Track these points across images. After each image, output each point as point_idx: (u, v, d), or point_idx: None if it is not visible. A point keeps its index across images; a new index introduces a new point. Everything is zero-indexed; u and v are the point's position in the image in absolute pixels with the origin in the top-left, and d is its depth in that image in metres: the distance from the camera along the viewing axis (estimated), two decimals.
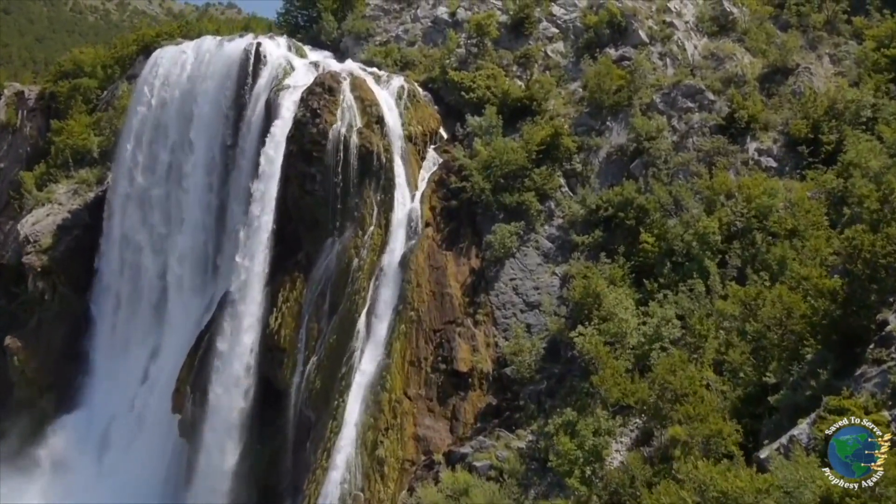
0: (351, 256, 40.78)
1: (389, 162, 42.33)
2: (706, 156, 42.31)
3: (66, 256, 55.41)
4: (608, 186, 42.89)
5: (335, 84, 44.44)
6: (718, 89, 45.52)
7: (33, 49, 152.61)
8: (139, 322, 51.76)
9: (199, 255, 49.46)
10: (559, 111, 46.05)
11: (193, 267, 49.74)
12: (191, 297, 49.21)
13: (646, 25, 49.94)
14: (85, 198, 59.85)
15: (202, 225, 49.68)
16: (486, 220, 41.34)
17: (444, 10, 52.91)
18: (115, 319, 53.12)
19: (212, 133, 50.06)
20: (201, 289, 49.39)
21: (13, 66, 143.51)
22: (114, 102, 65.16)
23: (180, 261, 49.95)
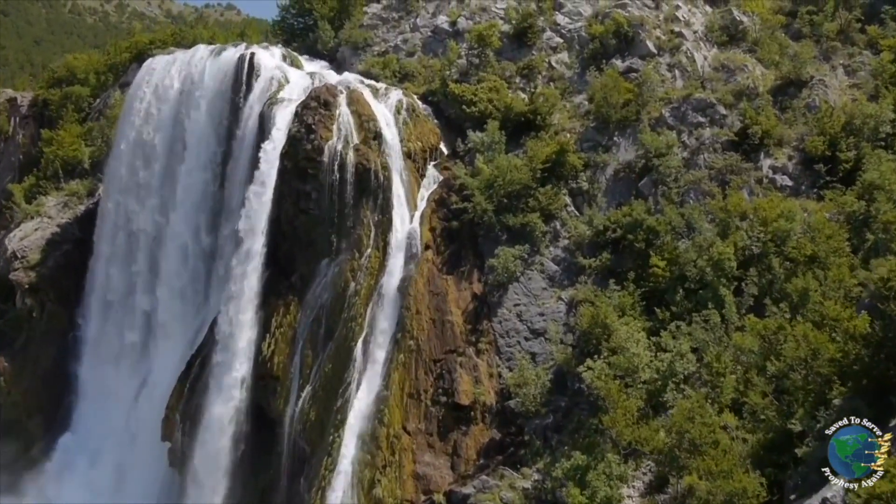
0: (347, 280, 38.60)
1: (388, 180, 40.12)
2: (718, 174, 40.14)
3: (54, 272, 53.12)
4: (616, 205, 40.74)
5: (331, 98, 42.23)
6: (730, 103, 43.33)
7: (31, 52, 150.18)
8: (130, 342, 49.45)
9: (191, 273, 47.15)
10: (564, 125, 43.86)
11: (185, 286, 47.44)
12: (183, 316, 46.95)
13: (653, 35, 47.72)
14: (75, 211, 57.59)
15: (194, 242, 47.37)
16: (489, 242, 39.16)
17: (444, 20, 50.64)
18: (106, 338, 50.77)
19: (204, 147, 47.68)
20: (194, 308, 47.11)
21: (10, 68, 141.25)
22: (106, 112, 62.87)
23: (172, 279, 47.62)
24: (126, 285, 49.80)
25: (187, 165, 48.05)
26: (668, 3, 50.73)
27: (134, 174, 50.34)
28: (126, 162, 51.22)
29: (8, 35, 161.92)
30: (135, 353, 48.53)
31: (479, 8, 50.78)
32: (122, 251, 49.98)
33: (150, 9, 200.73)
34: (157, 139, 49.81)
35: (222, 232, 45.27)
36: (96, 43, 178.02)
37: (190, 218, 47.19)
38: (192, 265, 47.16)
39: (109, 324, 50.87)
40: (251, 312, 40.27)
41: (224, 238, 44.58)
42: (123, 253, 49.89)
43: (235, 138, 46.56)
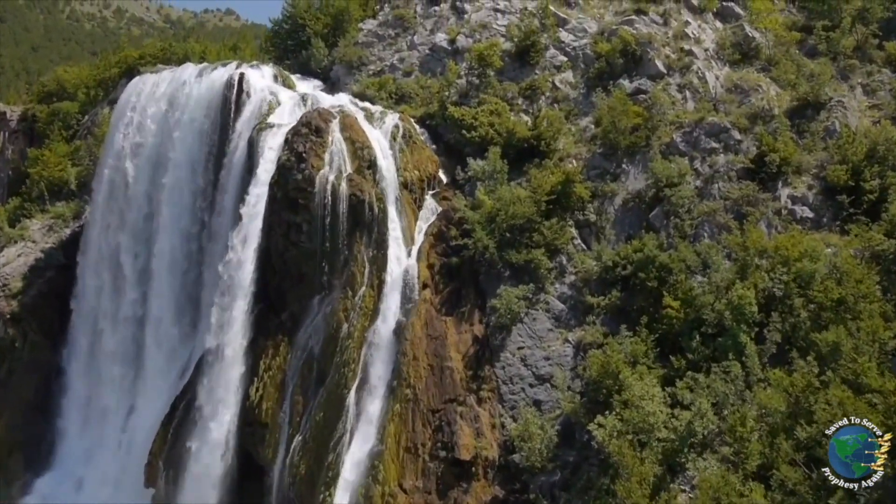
0: (340, 321, 35.78)
1: (383, 212, 37.31)
2: (734, 205, 37.34)
3: (37, 301, 50.27)
4: (625, 238, 37.96)
5: (323, 124, 39.39)
6: (744, 126, 40.54)
7: (27, 59, 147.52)
8: (115, 376, 46.57)
9: (178, 306, 44.32)
10: (569, 151, 41.04)
11: (172, 318, 44.60)
12: (170, 350, 44.12)
13: (662, 54, 44.88)
14: (60, 235, 54.70)
15: (182, 273, 44.54)
16: (491, 280, 36.36)
17: (442, 37, 47.79)
18: (90, 372, 47.96)
19: (191, 173, 44.90)
20: (181, 342, 44.28)
21: (6, 76, 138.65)
22: (94, 130, 60.06)
23: (158, 311, 44.79)
24: (110, 316, 46.95)
25: (173, 192, 45.25)
26: (676, 19, 47.96)
27: (118, 200, 47.55)
28: (111, 187, 48.46)
29: (5, 42, 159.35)
30: (119, 388, 45.69)
31: (480, 25, 47.96)
32: (107, 281, 47.13)
33: (149, 14, 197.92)
34: (142, 164, 47.05)
35: (209, 263, 42.46)
36: (94, 49, 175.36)
37: (176, 247, 44.41)
38: (179, 296, 44.35)
39: (93, 356, 48.03)
40: (239, 353, 37.46)
41: (211, 270, 41.70)
42: (108, 282, 47.06)
43: (224, 164, 43.80)
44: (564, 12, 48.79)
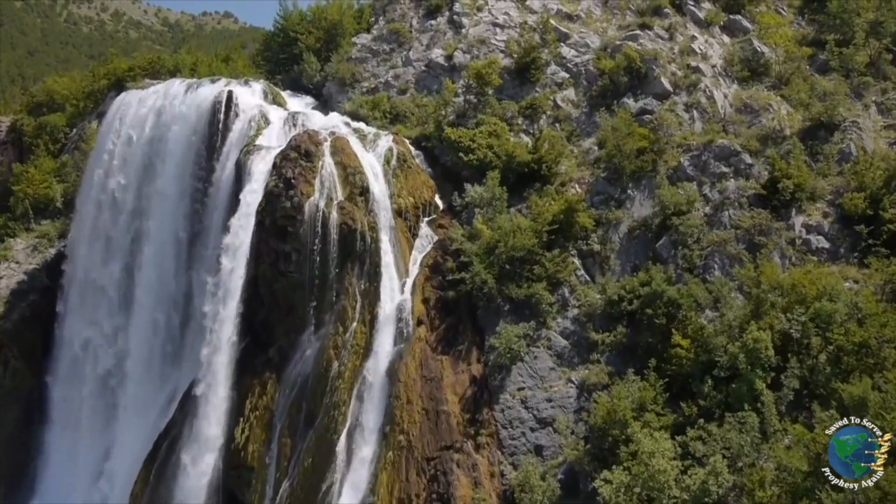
0: (330, 358, 33.57)
1: (375, 242, 35.09)
2: (745, 234, 35.10)
3: (19, 326, 47.91)
4: (631, 269, 35.76)
5: (313, 147, 37.15)
6: (755, 149, 38.33)
7: (23, 64, 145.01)
8: (98, 405, 44.30)
9: (162, 336, 42.03)
10: (572, 175, 38.80)
11: (155, 349, 42.27)
12: (152, 382, 41.73)
13: (668, 71, 42.61)
14: (45, 255, 52.30)
15: (167, 301, 42.25)
16: (490, 315, 34.13)
17: (439, 53, 45.49)
18: (73, 401, 45.60)
19: (177, 195, 42.65)
20: (165, 373, 42.00)
21: (1, 82, 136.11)
22: (80, 144, 57.73)
23: (141, 340, 42.47)
24: (93, 345, 44.68)
25: (159, 217, 43.01)
26: (682, 34, 45.72)
27: (102, 222, 45.28)
28: (94, 208, 46.20)
29: (1, 46, 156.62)
30: (102, 420, 43.37)
31: (478, 40, 45.65)
32: (90, 306, 44.82)
33: (147, 17, 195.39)
34: (127, 185, 44.75)
35: (195, 293, 40.23)
36: (92, 53, 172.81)
37: (161, 276, 42.12)
38: (163, 326, 42.06)
39: (76, 385, 45.68)
40: (224, 391, 35.24)
41: (197, 301, 39.48)
42: (91, 308, 44.74)
43: (212, 185, 41.63)
44: (566, 26, 46.51)
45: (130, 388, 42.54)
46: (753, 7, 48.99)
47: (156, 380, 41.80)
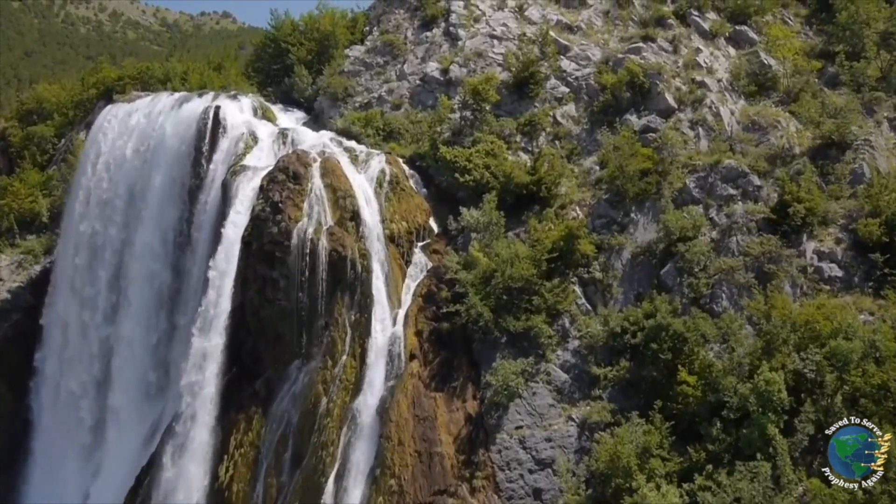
0: (318, 394, 31.73)
1: (366, 271, 33.23)
2: (755, 261, 33.17)
3: (2, 347, 46.11)
4: (634, 297, 33.87)
5: (302, 169, 35.31)
6: (764, 170, 36.43)
7: (19, 66, 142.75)
8: (80, 435, 42.40)
9: (146, 361, 40.18)
10: (572, 197, 36.90)
11: (140, 374, 40.45)
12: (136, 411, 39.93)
13: (672, 86, 40.65)
14: (30, 272, 50.34)
15: (151, 324, 40.44)
16: (486, 348, 32.23)
17: (434, 67, 43.47)
18: (58, 428, 43.74)
19: (163, 215, 40.87)
20: (148, 400, 40.15)
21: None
22: (68, 156, 55.80)
23: (125, 365, 40.65)
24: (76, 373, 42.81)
25: (145, 237, 41.20)
26: (686, 46, 43.78)
27: (87, 243, 43.42)
28: (79, 227, 44.36)
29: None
30: (85, 449, 41.57)
31: (475, 53, 43.64)
32: (74, 334, 42.96)
33: (145, 18, 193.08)
34: (111, 204, 42.98)
35: (179, 319, 38.40)
36: (89, 54, 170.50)
37: (146, 301, 40.30)
38: (148, 354, 40.21)
39: (61, 411, 43.87)
40: (207, 427, 33.41)
41: (182, 328, 37.62)
42: (75, 336, 42.88)
43: (198, 204, 39.78)
44: (566, 38, 44.52)
45: (114, 418, 40.78)
46: (760, 17, 46.98)
47: (141, 408, 40.01)
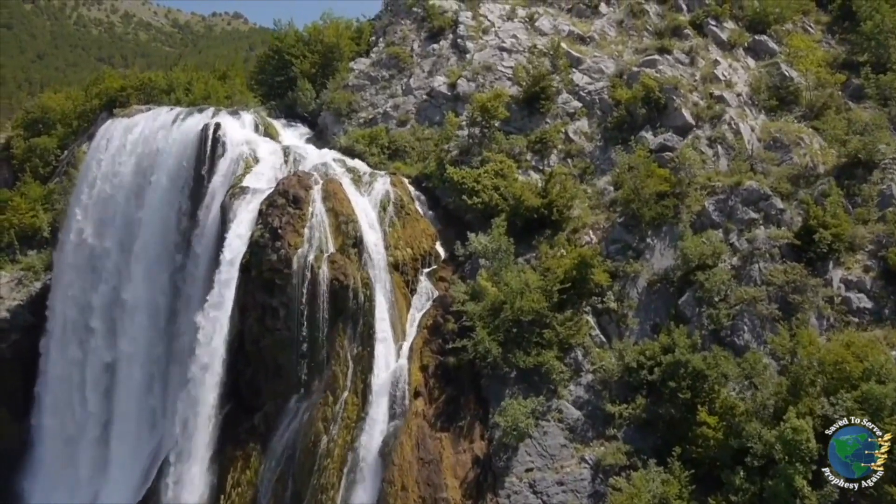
0: (318, 432, 29.98)
1: (369, 301, 31.44)
2: (778, 291, 31.12)
3: (1, 369, 44.63)
4: (651, 327, 31.91)
5: (302, 192, 33.53)
6: (787, 192, 34.35)
7: (30, 69, 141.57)
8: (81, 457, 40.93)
9: (145, 387, 38.62)
10: (585, 220, 34.95)
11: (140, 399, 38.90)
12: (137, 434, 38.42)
13: (690, 101, 38.60)
14: (30, 289, 48.80)
15: (151, 348, 38.86)
16: (495, 384, 30.36)
17: (442, 81, 41.55)
18: (57, 452, 42.24)
19: (162, 236, 39.35)
20: (149, 426, 38.62)
21: (7, 87, 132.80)
22: (69, 170, 54.27)
23: (125, 390, 39.15)
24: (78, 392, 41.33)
25: (143, 257, 39.68)
26: (704, 58, 41.68)
27: (85, 264, 41.88)
28: (77, 246, 42.90)
29: (9, 50, 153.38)
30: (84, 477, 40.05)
31: (483, 66, 41.68)
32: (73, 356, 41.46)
33: (157, 19, 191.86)
34: (110, 224, 41.45)
35: (178, 346, 36.74)
36: (101, 55, 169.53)
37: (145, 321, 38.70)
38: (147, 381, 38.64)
39: (60, 434, 42.38)
40: (204, 463, 31.75)
41: (180, 354, 35.97)
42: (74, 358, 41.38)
43: (197, 225, 38.12)
44: (578, 50, 42.48)
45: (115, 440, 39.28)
46: (779, 26, 44.78)
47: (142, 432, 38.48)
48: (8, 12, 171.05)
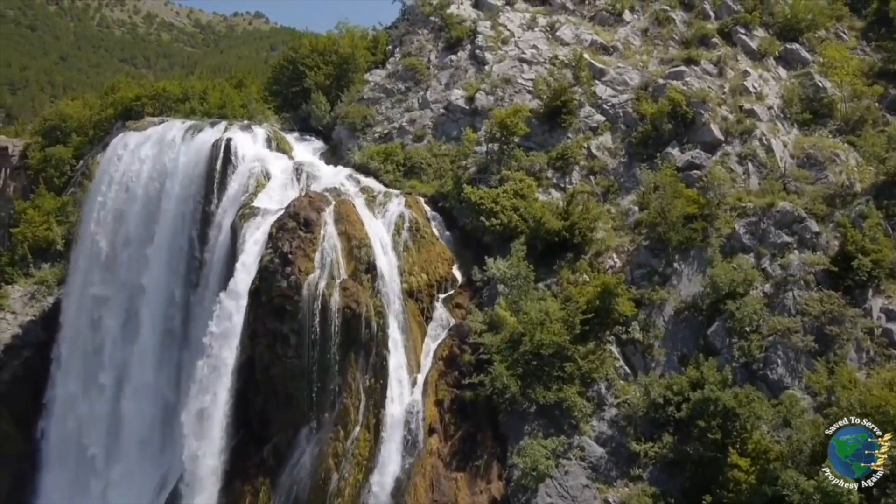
0: (329, 469, 28.55)
1: (382, 330, 29.90)
2: (814, 322, 29.16)
3: (11, 387, 43.70)
4: (678, 358, 30.14)
5: (314, 215, 32.03)
6: (822, 213, 32.34)
7: (53, 71, 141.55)
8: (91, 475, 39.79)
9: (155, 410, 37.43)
10: (609, 244, 33.14)
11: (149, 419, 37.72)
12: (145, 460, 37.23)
13: (718, 115, 36.62)
14: (43, 304, 47.90)
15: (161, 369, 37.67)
16: (513, 420, 28.73)
17: (459, 95, 39.82)
18: (65, 466, 41.23)
19: (173, 256, 38.15)
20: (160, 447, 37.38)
21: (30, 90, 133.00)
22: (83, 181, 53.25)
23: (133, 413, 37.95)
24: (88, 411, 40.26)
25: (154, 276, 38.40)
26: (733, 68, 39.65)
27: (94, 284, 40.76)
28: (88, 262, 41.79)
29: (33, 52, 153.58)
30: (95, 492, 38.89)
31: (502, 79, 39.90)
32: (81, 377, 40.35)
33: (179, 19, 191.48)
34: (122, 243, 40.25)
35: (187, 370, 35.43)
36: (123, 56, 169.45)
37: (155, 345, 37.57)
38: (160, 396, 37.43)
39: (69, 452, 41.33)
40: (211, 499, 30.35)
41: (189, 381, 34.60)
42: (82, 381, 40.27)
43: (208, 246, 36.86)
44: (601, 60, 40.56)
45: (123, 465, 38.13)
46: (812, 33, 42.59)
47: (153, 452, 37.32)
48: (33, 14, 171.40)
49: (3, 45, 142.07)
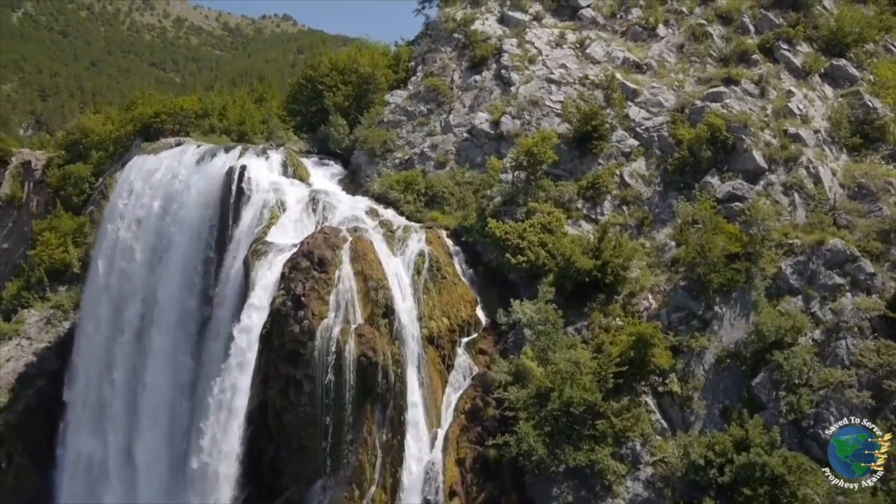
0: None
1: (400, 381, 27.71)
2: (870, 375, 26.35)
3: (24, 419, 42.53)
4: (720, 412, 27.53)
5: (329, 253, 29.87)
6: (877, 251, 29.51)
7: (83, 77, 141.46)
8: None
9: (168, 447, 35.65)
10: (644, 283, 30.53)
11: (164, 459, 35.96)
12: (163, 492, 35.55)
13: (761, 141, 33.79)
14: (58, 329, 46.75)
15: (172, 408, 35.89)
16: (540, 483, 26.32)
17: (484, 118, 37.39)
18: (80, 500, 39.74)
19: (185, 288, 36.32)
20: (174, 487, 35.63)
21: (60, 97, 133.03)
22: (101, 201, 51.80)
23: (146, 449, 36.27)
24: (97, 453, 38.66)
25: (165, 309, 36.57)
26: (776, 88, 36.70)
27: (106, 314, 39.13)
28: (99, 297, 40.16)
29: (65, 58, 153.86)
30: None
31: (529, 101, 37.40)
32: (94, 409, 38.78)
33: (207, 22, 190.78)
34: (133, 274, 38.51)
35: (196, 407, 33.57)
36: (153, 61, 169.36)
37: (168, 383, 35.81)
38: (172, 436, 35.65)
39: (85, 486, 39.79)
40: None
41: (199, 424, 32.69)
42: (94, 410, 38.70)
43: (221, 275, 34.94)
44: (634, 80, 37.89)
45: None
46: (860, 48, 39.50)
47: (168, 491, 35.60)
48: (65, 19, 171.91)
49: (35, 50, 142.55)
